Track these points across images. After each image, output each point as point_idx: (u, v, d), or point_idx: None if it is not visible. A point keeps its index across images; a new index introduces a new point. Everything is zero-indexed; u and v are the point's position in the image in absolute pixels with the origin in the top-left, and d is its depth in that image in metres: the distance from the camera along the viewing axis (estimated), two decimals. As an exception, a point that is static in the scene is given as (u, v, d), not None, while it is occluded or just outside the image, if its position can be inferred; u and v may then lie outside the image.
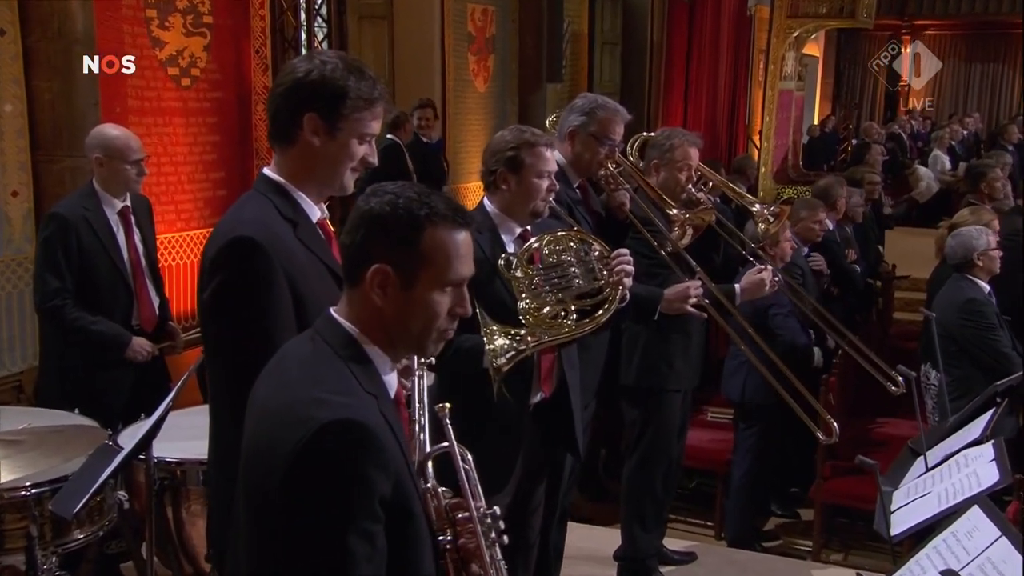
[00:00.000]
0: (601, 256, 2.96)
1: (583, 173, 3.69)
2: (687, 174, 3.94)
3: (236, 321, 1.98)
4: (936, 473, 2.65)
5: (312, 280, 2.02)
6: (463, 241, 1.67)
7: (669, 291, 3.57)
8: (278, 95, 2.09)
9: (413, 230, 1.62)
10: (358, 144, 2.10)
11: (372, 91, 2.08)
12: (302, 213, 2.11)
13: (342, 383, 1.59)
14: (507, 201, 3.01)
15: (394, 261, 1.62)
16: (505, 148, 2.98)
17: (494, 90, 9.30)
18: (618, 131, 3.64)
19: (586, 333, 2.89)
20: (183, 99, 5.51)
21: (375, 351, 1.67)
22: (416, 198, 1.65)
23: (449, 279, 1.67)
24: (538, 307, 2.85)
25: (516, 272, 2.86)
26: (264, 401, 1.63)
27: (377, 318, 1.65)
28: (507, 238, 3.03)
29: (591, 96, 3.73)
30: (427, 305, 1.66)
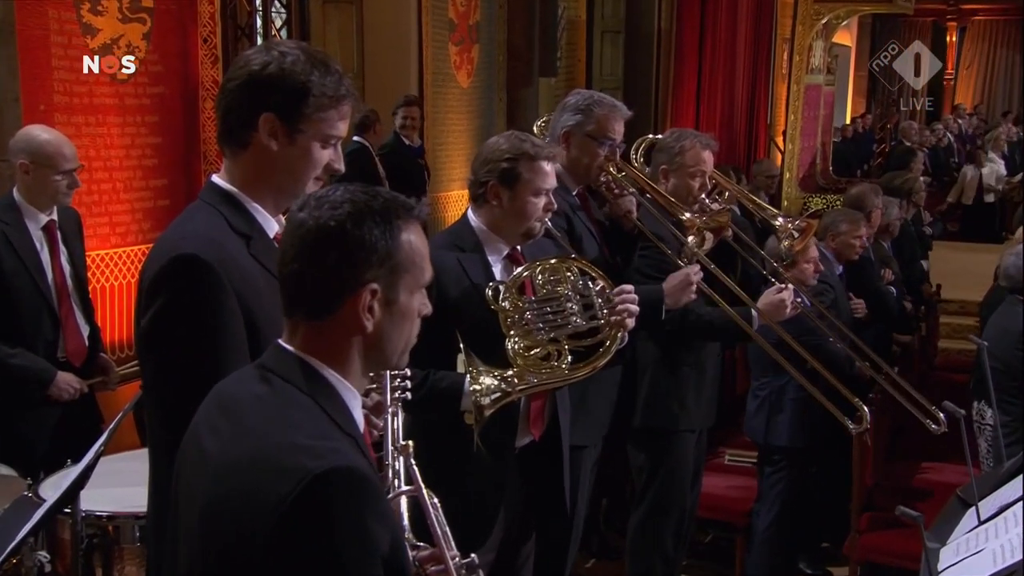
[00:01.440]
0: (603, 291, 2.97)
1: (582, 179, 3.71)
2: (700, 181, 3.96)
3: (180, 351, 1.98)
4: (990, 527, 2.65)
5: (268, 303, 2.02)
6: (423, 236, 1.73)
7: (667, 283, 3.58)
8: (230, 91, 2.10)
9: (392, 239, 1.65)
10: (321, 148, 2.11)
11: (338, 87, 2.09)
12: (257, 226, 2.12)
13: (320, 426, 1.60)
14: (497, 218, 3.02)
15: (379, 278, 1.65)
16: (500, 158, 2.99)
17: (479, 85, 9.34)
18: (618, 129, 3.67)
19: (580, 379, 2.90)
20: (119, 95, 5.51)
21: (344, 385, 1.68)
22: (372, 199, 1.67)
23: (425, 279, 1.72)
24: (529, 346, 2.86)
25: (505, 304, 2.87)
26: (218, 453, 1.62)
27: (357, 344, 1.67)
28: (493, 258, 3.04)
29: (585, 92, 3.77)
30: (409, 315, 1.71)
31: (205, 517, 1.61)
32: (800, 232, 4.17)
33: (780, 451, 4.87)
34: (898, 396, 3.92)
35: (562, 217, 3.49)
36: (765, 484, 4.98)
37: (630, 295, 2.98)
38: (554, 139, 3.69)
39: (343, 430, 1.62)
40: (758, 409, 4.89)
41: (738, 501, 5.29)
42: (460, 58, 9.03)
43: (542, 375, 2.83)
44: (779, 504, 4.92)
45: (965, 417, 3.41)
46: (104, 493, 3.07)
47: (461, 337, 2.77)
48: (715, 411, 4.28)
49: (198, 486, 1.64)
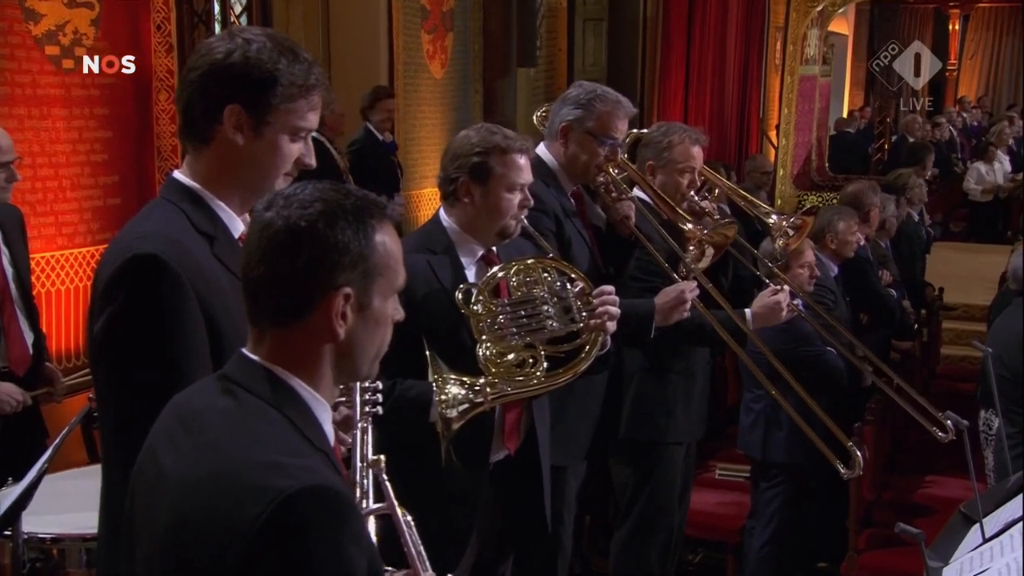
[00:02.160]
0: (582, 293, 2.97)
1: (579, 178, 3.71)
2: (689, 178, 3.98)
3: (136, 358, 1.97)
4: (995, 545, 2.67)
5: (233, 308, 2.00)
6: (396, 237, 1.73)
7: (659, 298, 3.59)
8: (191, 82, 2.09)
9: (367, 239, 1.65)
10: (290, 141, 2.11)
11: (308, 76, 2.09)
12: (221, 226, 2.12)
13: (290, 442, 1.59)
14: (469, 217, 3.03)
15: (352, 282, 1.64)
16: (470, 152, 3.00)
17: (453, 76, 9.34)
18: (621, 127, 3.67)
19: (558, 386, 2.91)
20: (65, 85, 5.48)
21: (314, 397, 1.68)
22: (344, 198, 1.67)
23: (399, 283, 1.73)
24: (501, 352, 2.86)
25: (476, 307, 2.87)
26: (178, 471, 1.61)
27: (328, 352, 1.67)
28: (466, 260, 3.05)
29: (588, 85, 3.75)
30: (383, 322, 1.71)
31: (166, 540, 1.60)
32: (795, 230, 4.19)
33: (778, 467, 4.89)
34: (902, 403, 3.95)
35: (551, 217, 3.49)
36: (760, 500, 5.00)
37: (610, 296, 2.99)
38: (552, 133, 3.70)
39: (315, 446, 1.62)
40: (754, 424, 4.89)
41: (730, 518, 5.30)
42: (433, 47, 9.03)
43: (516, 383, 2.83)
44: (775, 521, 4.94)
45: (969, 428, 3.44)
46: (48, 515, 3.04)
47: (428, 343, 2.77)
48: (705, 423, 4.29)
49: (157, 507, 1.63)
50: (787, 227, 4.18)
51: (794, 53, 12.38)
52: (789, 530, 4.97)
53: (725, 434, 6.11)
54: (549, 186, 3.55)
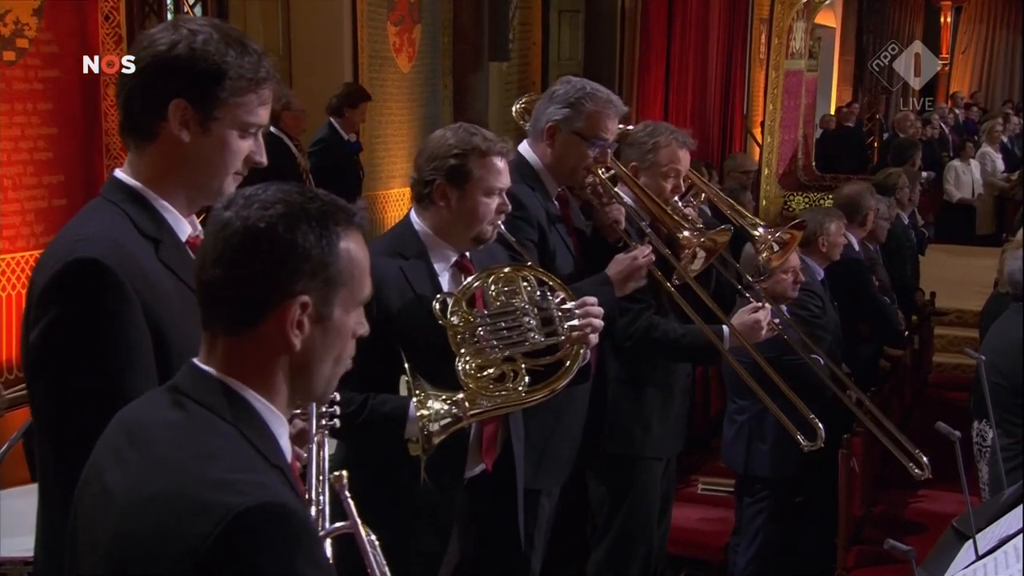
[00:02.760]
0: (562, 304, 2.98)
1: (565, 180, 3.71)
2: (674, 182, 3.98)
3: (76, 370, 1.95)
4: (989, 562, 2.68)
5: (179, 316, 2.00)
6: (363, 246, 1.72)
7: (612, 268, 3.58)
8: (132, 76, 2.07)
9: (330, 245, 1.64)
10: (239, 138, 2.10)
11: (257, 69, 2.08)
12: (167, 228, 2.10)
13: (242, 457, 1.59)
14: (444, 221, 3.02)
15: (311, 290, 1.64)
16: (447, 154, 2.99)
17: (421, 70, 9.34)
18: (611, 128, 3.66)
19: (537, 402, 2.91)
20: (6, 79, 5.43)
21: (269, 410, 1.67)
22: (308, 201, 1.66)
23: (364, 295, 1.72)
24: (480, 365, 2.86)
25: (453, 318, 2.87)
26: (125, 488, 1.60)
27: (283, 364, 1.66)
28: (439, 266, 3.04)
29: (577, 82, 3.73)
30: (343, 335, 1.70)
31: (111, 561, 1.59)
32: (781, 245, 4.18)
33: (763, 481, 4.90)
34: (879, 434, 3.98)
35: (534, 227, 3.48)
36: (744, 516, 5.01)
37: (593, 307, 2.99)
38: (537, 133, 3.68)
39: (269, 461, 1.61)
40: (736, 436, 4.90)
41: (713, 535, 5.31)
42: (400, 39, 9.02)
43: (496, 398, 2.83)
44: (760, 538, 4.95)
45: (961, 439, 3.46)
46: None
47: (405, 356, 2.75)
48: (683, 436, 4.30)
49: (102, 526, 1.62)
50: (773, 241, 4.17)
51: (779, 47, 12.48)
52: (775, 547, 4.99)
53: (708, 446, 6.12)
54: (535, 190, 3.54)
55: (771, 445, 4.74)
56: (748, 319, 3.90)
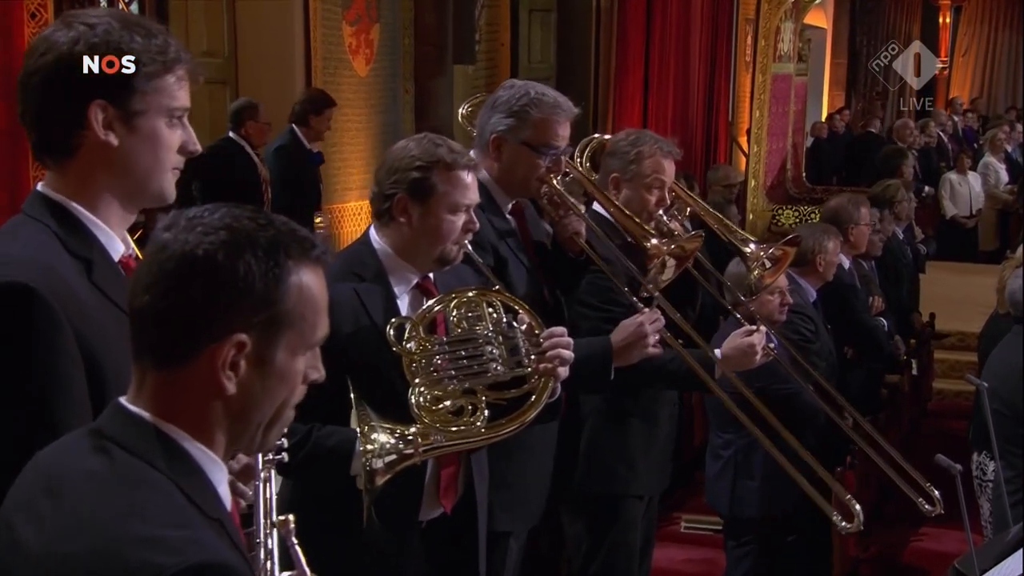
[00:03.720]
0: (530, 332, 2.97)
1: (517, 193, 3.68)
2: (658, 194, 3.98)
3: (2, 403, 1.92)
4: (993, 605, 2.70)
5: (114, 344, 1.97)
6: (323, 284, 1.68)
7: (616, 335, 3.56)
8: (36, 88, 2.03)
9: (277, 280, 1.60)
10: (168, 128, 2.09)
11: (167, 50, 2.06)
12: (98, 247, 2.08)
13: (175, 511, 1.54)
14: (405, 239, 3.01)
15: (251, 329, 1.60)
16: (410, 167, 2.97)
17: (381, 74, 9.33)
18: (562, 134, 3.62)
19: (500, 439, 2.88)
20: (-76, 83, 5.40)
21: (206, 456, 1.63)
22: (260, 228, 1.62)
23: (317, 339, 1.68)
24: (436, 397, 2.84)
25: (410, 344, 2.86)
26: (40, 545, 1.55)
27: (216, 409, 1.62)
28: (399, 289, 3.03)
29: (520, 86, 3.69)
30: (287, 380, 1.65)
31: None
32: (774, 262, 4.18)
33: (750, 522, 4.88)
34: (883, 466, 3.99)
35: (488, 251, 3.45)
36: (731, 558, 5.01)
37: (562, 339, 2.97)
38: (481, 146, 3.65)
39: (206, 514, 1.58)
40: (721, 472, 4.88)
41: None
42: (357, 40, 9.02)
43: (452, 433, 2.80)
44: (748, 582, 4.95)
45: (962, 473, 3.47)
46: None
47: (352, 384, 2.74)
48: (669, 472, 4.29)
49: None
50: (765, 258, 4.15)
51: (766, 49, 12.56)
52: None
53: (692, 480, 6.14)
54: (484, 209, 3.52)
55: (760, 482, 4.72)
56: (741, 343, 3.86)
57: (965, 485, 3.60)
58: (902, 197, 7.74)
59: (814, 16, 17.05)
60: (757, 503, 4.76)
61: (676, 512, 5.94)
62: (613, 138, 4.18)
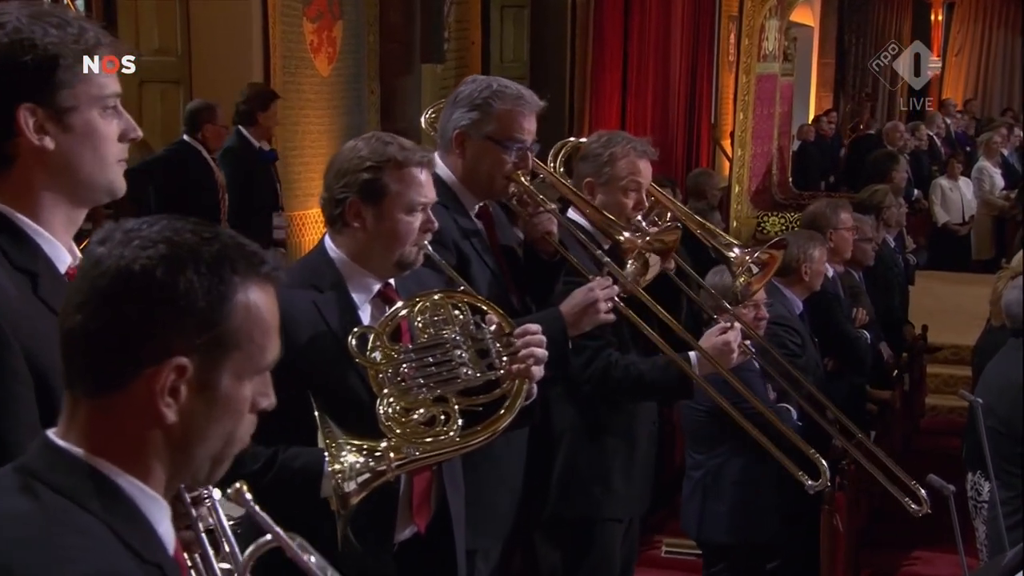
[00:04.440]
0: (500, 333, 2.97)
1: (484, 194, 3.69)
2: (635, 197, 4.00)
3: None
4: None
5: (63, 361, 1.98)
6: (274, 303, 1.64)
7: (566, 304, 3.54)
8: None
9: (221, 298, 1.56)
10: (103, 119, 2.08)
11: (85, 35, 2.05)
12: (43, 259, 2.06)
13: (107, 556, 1.50)
14: (360, 244, 3.01)
15: (193, 352, 1.55)
16: (359, 168, 2.97)
17: (344, 73, 9.32)
18: (527, 127, 3.64)
19: (475, 447, 2.88)
20: None
21: (144, 494, 1.58)
22: (203, 242, 1.58)
23: (266, 362, 1.64)
24: (406, 407, 2.84)
25: (374, 355, 2.85)
26: None
27: (155, 440, 1.57)
28: (359, 298, 3.03)
29: (483, 80, 3.73)
30: (233, 408, 1.61)
31: None
32: (760, 267, 4.19)
33: (721, 549, 4.88)
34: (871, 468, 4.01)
35: (450, 250, 3.47)
36: (704, 588, 5.02)
37: (535, 336, 2.98)
38: (444, 144, 3.67)
39: (143, 558, 1.53)
40: (691, 494, 4.89)
41: (679, 605, 5.33)
42: (319, 38, 9.01)
43: (426, 445, 2.80)
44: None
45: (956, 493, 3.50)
46: None
47: (315, 401, 2.74)
48: (649, 492, 4.29)
49: None
50: (751, 263, 4.16)
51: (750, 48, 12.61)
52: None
53: (672, 502, 6.14)
54: (447, 208, 3.53)
55: (730, 507, 4.73)
56: (716, 340, 3.87)
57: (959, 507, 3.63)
58: (890, 203, 7.76)
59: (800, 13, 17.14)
60: (726, 529, 4.77)
61: (657, 535, 5.94)
62: (586, 142, 4.19)
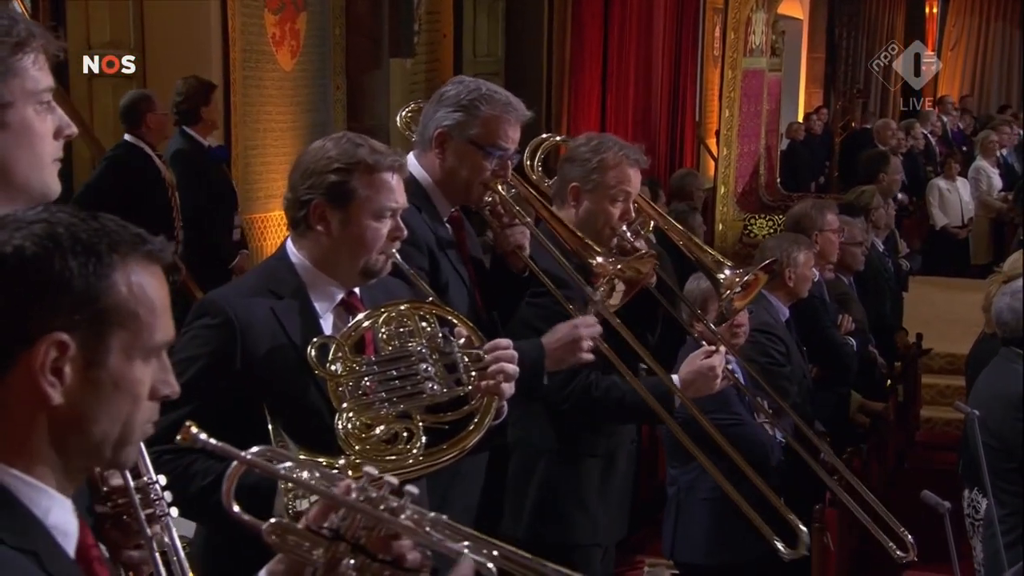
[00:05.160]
0: (469, 346, 2.96)
1: (459, 199, 3.70)
2: (623, 207, 3.99)
3: None
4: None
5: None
6: (161, 282, 1.68)
7: (549, 338, 3.57)
8: None
9: (97, 276, 1.59)
10: (38, 115, 2.08)
11: (15, 28, 2.05)
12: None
13: None
14: (324, 250, 3.00)
15: (74, 329, 1.58)
16: (327, 169, 2.96)
17: (308, 68, 9.32)
18: (512, 136, 3.65)
19: (440, 467, 2.88)
20: None
21: (24, 480, 1.60)
22: (81, 223, 1.61)
23: (155, 342, 1.66)
24: (367, 423, 2.82)
25: (335, 367, 2.84)
26: None
27: (41, 424, 1.60)
28: (321, 307, 3.01)
29: (471, 82, 3.73)
30: (126, 388, 1.64)
31: None
32: (745, 288, 4.19)
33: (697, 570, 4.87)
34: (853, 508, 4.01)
35: (423, 253, 3.47)
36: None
37: (506, 351, 2.98)
38: (424, 142, 3.67)
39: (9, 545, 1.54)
40: (667, 512, 4.88)
41: (661, 630, 5.31)
42: (281, 31, 9.00)
43: (387, 463, 2.77)
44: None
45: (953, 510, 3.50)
46: None
47: (269, 414, 2.73)
48: (627, 516, 4.28)
49: None
50: (737, 281, 4.16)
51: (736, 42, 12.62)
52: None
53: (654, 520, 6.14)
54: (421, 211, 3.52)
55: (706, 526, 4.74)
56: (700, 365, 3.87)
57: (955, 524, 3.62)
58: (877, 204, 7.78)
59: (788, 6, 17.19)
60: (702, 550, 4.78)
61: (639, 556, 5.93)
62: (572, 143, 4.18)
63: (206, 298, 3.07)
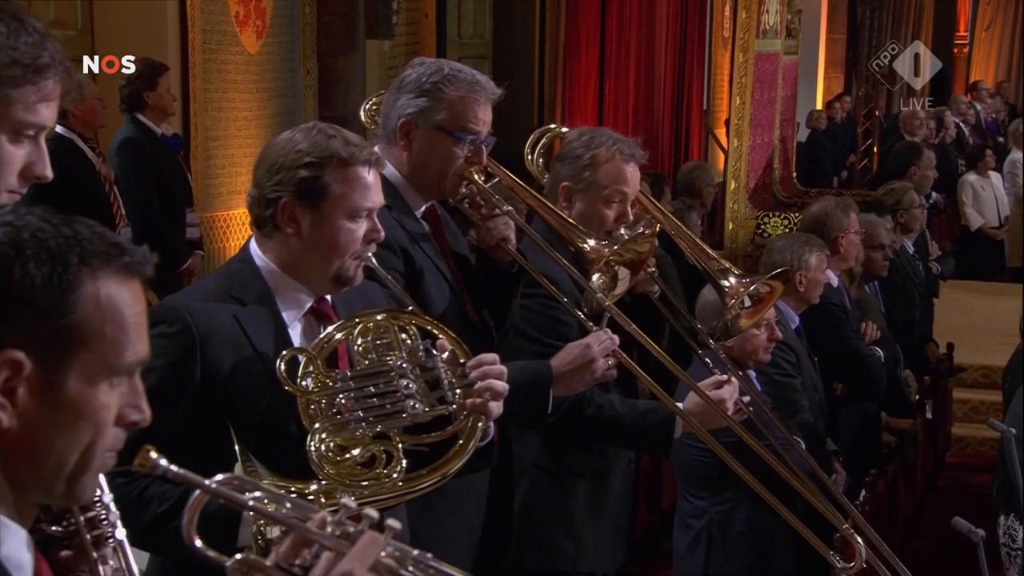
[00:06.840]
0: (453, 361, 2.96)
1: (432, 193, 3.70)
2: (619, 208, 3.99)
3: None
4: None
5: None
6: (137, 298, 1.67)
7: (558, 360, 3.58)
8: None
9: (64, 289, 1.58)
10: (10, 143, 2.09)
11: (39, 53, 2.06)
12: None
13: None
14: (293, 253, 3.00)
15: (32, 346, 1.57)
16: (297, 163, 2.96)
17: (275, 50, 9.33)
18: (482, 117, 3.64)
19: (421, 493, 2.89)
20: None
21: None
22: (51, 228, 1.61)
23: (124, 363, 1.65)
24: (342, 445, 2.83)
25: (306, 381, 2.84)
26: None
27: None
28: (289, 315, 3.02)
29: (432, 63, 3.73)
30: (86, 415, 1.62)
31: None
32: (755, 301, 4.18)
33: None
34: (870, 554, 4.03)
35: (397, 254, 3.47)
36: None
37: (493, 367, 2.98)
38: (387, 135, 3.67)
39: None
40: (692, 545, 4.88)
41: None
42: (245, 9, 9.01)
43: (362, 489, 2.79)
44: None
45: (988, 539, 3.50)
46: None
47: (236, 432, 2.73)
48: (624, 542, 4.29)
49: None
50: (745, 293, 4.14)
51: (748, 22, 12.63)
52: None
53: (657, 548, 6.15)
54: (391, 209, 3.52)
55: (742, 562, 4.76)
56: (711, 396, 3.86)
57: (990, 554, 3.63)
58: (910, 203, 7.70)
59: (806, -17, 17.23)
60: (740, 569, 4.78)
61: (638, 586, 5.94)
62: (565, 137, 4.18)
63: (162, 304, 3.06)
